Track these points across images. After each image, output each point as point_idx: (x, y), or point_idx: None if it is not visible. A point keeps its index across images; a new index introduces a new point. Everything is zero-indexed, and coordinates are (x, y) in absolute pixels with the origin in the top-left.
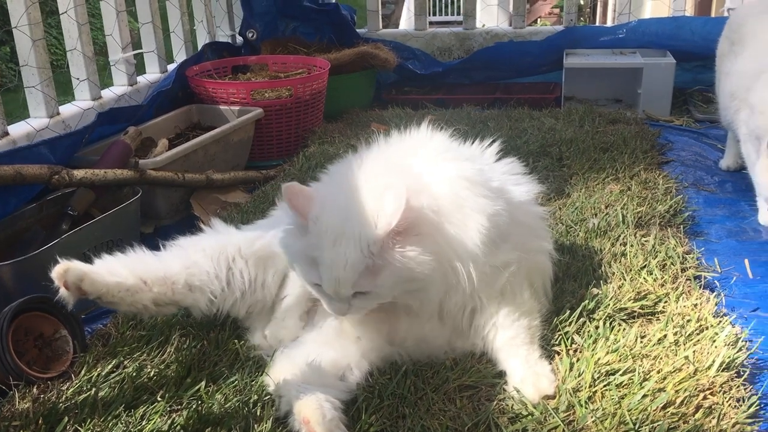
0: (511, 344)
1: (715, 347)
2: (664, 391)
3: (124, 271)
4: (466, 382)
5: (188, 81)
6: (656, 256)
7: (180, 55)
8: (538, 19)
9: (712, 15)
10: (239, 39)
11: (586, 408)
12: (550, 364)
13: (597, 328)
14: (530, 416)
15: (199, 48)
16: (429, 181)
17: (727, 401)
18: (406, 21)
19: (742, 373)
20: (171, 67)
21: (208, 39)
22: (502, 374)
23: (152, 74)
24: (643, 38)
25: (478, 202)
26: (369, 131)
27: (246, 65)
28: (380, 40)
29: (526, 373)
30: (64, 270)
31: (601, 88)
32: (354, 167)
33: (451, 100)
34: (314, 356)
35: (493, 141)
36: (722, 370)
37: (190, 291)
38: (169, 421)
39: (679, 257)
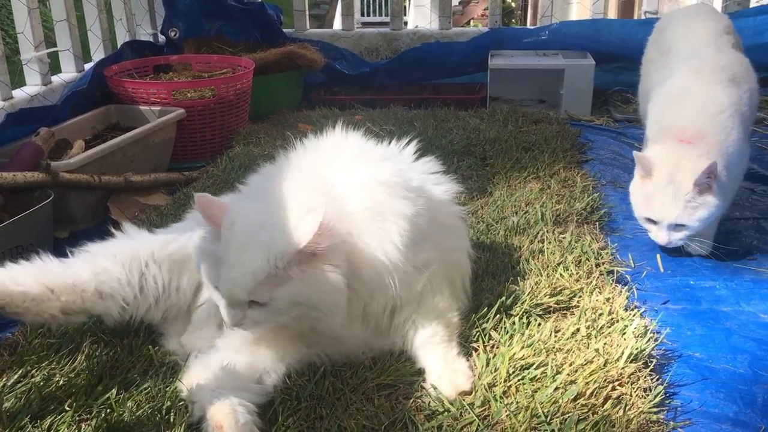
0: (430, 342)
1: (625, 339)
2: (575, 383)
3: (28, 280)
4: (385, 381)
5: (107, 80)
6: (572, 253)
7: (98, 54)
8: (471, 21)
9: (634, 18)
10: (161, 38)
11: (500, 402)
12: (468, 360)
13: (513, 323)
14: (446, 413)
15: (119, 47)
16: (345, 193)
17: (635, 391)
18: (341, 21)
19: (649, 364)
20: (88, 66)
21: (128, 37)
22: (420, 372)
23: (68, 73)
24: (565, 40)
25: (397, 206)
26: (296, 132)
27: (168, 65)
28: (307, 40)
29: (443, 371)
30: None
31: (525, 88)
32: (275, 182)
33: (379, 101)
34: (229, 360)
35: (410, 140)
36: (631, 362)
37: (101, 299)
38: (77, 431)
39: (594, 253)
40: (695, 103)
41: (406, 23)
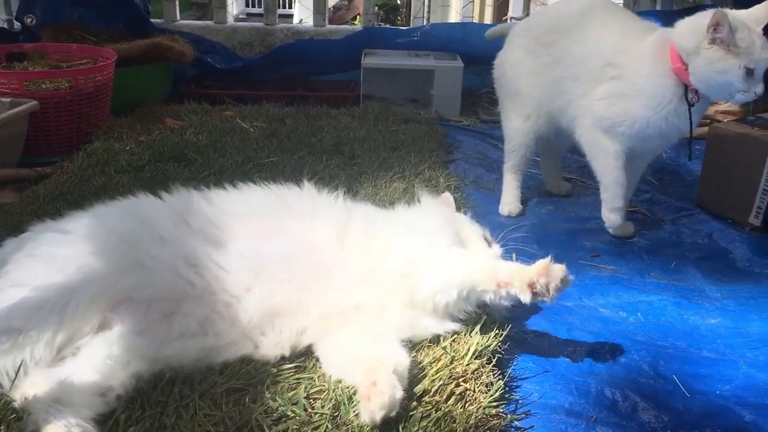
0: None
1: (471, 336)
2: (422, 381)
3: None
4: (235, 386)
5: None
6: None
7: None
8: (357, 17)
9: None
10: (17, 24)
11: (349, 404)
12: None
13: None
14: (295, 417)
15: None
16: None
17: (478, 387)
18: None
19: (493, 359)
20: None
21: None
22: (269, 376)
23: None
24: (437, 42)
25: None
26: (162, 127)
27: (23, 53)
28: (177, 31)
29: None
30: None
31: (398, 88)
32: None
33: (251, 97)
34: (70, 374)
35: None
36: (475, 358)
37: None
38: None
39: None
40: None
41: (291, 16)
